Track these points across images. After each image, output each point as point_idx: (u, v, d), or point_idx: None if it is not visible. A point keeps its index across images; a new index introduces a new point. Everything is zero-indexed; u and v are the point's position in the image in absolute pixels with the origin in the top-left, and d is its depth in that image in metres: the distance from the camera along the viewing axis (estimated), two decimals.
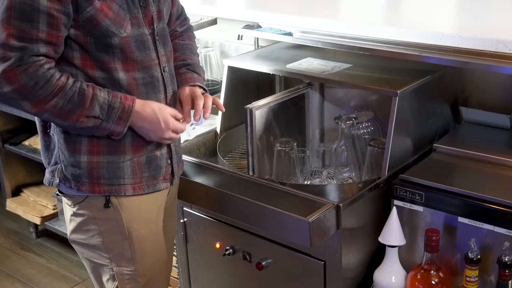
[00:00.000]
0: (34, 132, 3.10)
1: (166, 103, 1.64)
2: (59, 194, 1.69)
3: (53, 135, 1.61)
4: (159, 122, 1.57)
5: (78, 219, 1.66)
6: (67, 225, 1.72)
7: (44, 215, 3.27)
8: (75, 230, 1.69)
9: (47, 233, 3.43)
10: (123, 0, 1.52)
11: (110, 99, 1.51)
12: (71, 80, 1.48)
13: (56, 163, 1.62)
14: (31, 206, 3.35)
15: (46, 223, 3.27)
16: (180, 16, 1.86)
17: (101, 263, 1.70)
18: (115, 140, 1.57)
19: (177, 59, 1.79)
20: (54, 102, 1.45)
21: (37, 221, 3.28)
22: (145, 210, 1.67)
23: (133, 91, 1.56)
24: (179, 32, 1.86)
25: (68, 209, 1.68)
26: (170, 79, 1.66)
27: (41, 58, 1.43)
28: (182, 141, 1.92)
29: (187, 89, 1.71)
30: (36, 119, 1.66)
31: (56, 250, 3.33)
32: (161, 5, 1.64)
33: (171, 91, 1.66)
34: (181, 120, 1.65)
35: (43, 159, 1.69)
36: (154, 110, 1.57)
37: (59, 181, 1.61)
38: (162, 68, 1.62)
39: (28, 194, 3.42)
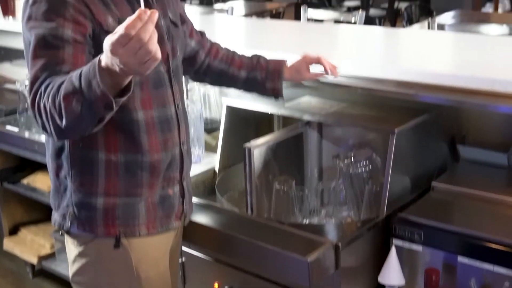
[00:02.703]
0: (33, 171, 3.10)
1: (179, 140, 1.64)
2: (62, 233, 1.66)
3: (65, 178, 1.59)
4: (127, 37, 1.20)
5: (84, 260, 1.62)
6: (70, 265, 1.67)
7: (41, 254, 3.24)
8: (80, 271, 1.64)
9: (43, 273, 3.39)
10: None
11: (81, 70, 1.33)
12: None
13: (67, 206, 1.60)
14: (28, 245, 3.33)
15: (43, 262, 3.24)
16: (203, 36, 1.94)
17: None
18: (132, 177, 1.56)
19: (243, 59, 1.95)
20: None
21: (34, 260, 3.25)
22: (154, 250, 1.66)
23: (150, 130, 1.56)
24: (219, 47, 1.97)
25: (72, 249, 1.65)
26: (183, 116, 1.67)
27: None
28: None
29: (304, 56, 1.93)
30: (48, 162, 1.64)
31: None
32: (175, 42, 1.67)
33: (184, 128, 1.67)
34: None
35: (52, 200, 1.67)
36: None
37: (70, 224, 1.60)
38: (176, 105, 1.63)
39: (25, 233, 3.40)
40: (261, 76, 1.93)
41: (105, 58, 1.24)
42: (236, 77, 1.94)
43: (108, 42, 1.21)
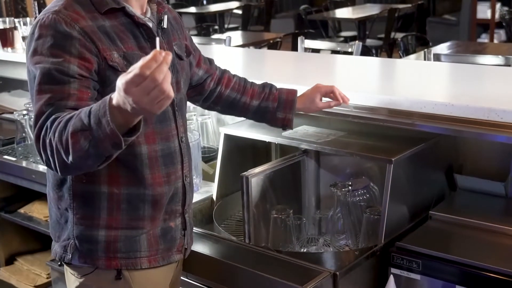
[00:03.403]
0: (30, 200, 3.09)
1: (182, 173, 1.64)
2: (61, 264, 1.65)
3: (67, 210, 1.59)
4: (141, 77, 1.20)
5: None
6: None
7: (37, 284, 3.22)
8: None
9: None
10: None
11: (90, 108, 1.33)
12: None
13: (69, 238, 1.59)
14: (25, 275, 3.30)
15: None
16: (211, 64, 1.94)
17: None
18: (134, 210, 1.56)
19: (255, 87, 1.94)
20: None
21: None
22: (155, 282, 1.65)
23: (153, 164, 1.56)
24: (232, 76, 1.98)
25: (73, 280, 1.64)
26: (186, 149, 1.67)
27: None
28: None
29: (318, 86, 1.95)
30: (49, 193, 1.64)
31: None
32: (179, 76, 1.67)
33: (187, 161, 1.67)
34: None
35: (52, 232, 1.66)
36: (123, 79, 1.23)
37: (71, 256, 1.59)
38: (180, 138, 1.63)
39: (22, 263, 3.38)
40: (273, 106, 1.93)
41: (117, 96, 1.24)
42: (248, 106, 1.94)
43: (122, 80, 1.21)
